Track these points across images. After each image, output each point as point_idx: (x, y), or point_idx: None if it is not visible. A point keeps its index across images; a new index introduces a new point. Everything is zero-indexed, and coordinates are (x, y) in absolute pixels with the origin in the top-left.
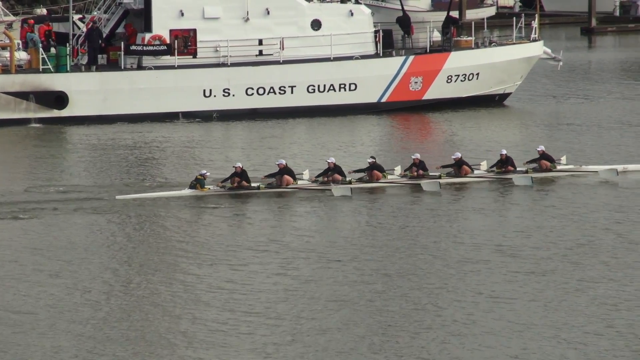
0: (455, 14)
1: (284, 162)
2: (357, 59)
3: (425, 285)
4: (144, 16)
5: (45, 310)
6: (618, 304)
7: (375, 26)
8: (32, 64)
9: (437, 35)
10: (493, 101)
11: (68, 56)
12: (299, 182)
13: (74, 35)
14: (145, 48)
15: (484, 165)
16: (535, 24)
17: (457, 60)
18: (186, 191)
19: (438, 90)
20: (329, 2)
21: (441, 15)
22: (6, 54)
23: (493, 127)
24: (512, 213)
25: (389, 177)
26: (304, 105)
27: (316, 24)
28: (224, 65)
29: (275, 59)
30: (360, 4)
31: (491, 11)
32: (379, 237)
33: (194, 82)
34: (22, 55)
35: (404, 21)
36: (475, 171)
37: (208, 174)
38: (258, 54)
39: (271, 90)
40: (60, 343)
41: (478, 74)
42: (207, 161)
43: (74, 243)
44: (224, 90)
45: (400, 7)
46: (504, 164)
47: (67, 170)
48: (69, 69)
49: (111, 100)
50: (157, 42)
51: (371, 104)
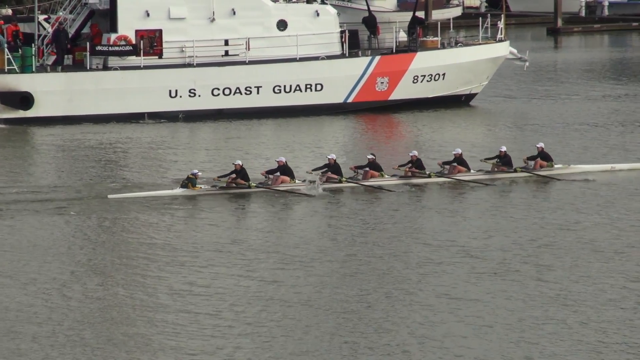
0: (421, 14)
1: (283, 160)
2: (323, 59)
3: (387, 287)
4: (109, 17)
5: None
6: (579, 304)
7: (341, 26)
8: None
9: (403, 36)
10: (459, 101)
11: (34, 57)
12: (295, 182)
13: (39, 35)
14: (110, 48)
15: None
16: (501, 24)
17: (423, 61)
18: (178, 190)
19: (404, 90)
20: (295, 3)
21: (407, 16)
22: None
23: (459, 128)
24: (474, 214)
25: (385, 177)
26: (270, 105)
27: (282, 25)
28: (189, 65)
29: (241, 59)
30: (326, 4)
31: (457, 11)
32: (344, 239)
33: (160, 83)
34: None
35: (370, 21)
36: (473, 171)
37: (200, 173)
38: (224, 54)
39: (237, 91)
40: (21, 346)
41: (444, 75)
42: (172, 162)
43: (36, 244)
44: (189, 91)
45: (366, 8)
46: (503, 160)
47: (32, 170)
48: (34, 70)
49: (77, 100)
50: (123, 43)
51: (337, 105)
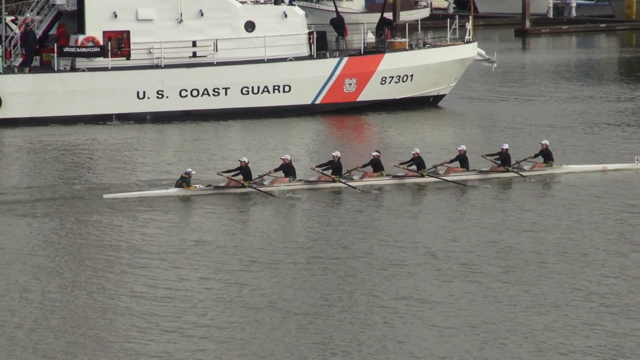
0: (389, 15)
1: (288, 158)
2: (291, 60)
3: (351, 288)
4: (77, 18)
5: None
6: (544, 307)
7: (309, 28)
8: None
9: (371, 37)
10: (427, 103)
11: (1, 58)
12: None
13: (6, 37)
14: (78, 50)
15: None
16: (469, 25)
17: (391, 62)
18: (172, 190)
19: (372, 91)
20: (262, 4)
21: (375, 17)
22: None
23: (427, 129)
24: (443, 216)
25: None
26: (238, 107)
27: (250, 26)
28: (157, 67)
29: (209, 60)
30: (294, 5)
31: (425, 13)
32: (312, 240)
33: (128, 84)
34: None
35: (338, 23)
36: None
37: (193, 172)
38: (192, 55)
39: (205, 92)
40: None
41: (412, 76)
42: (139, 164)
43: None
44: (157, 92)
45: (334, 9)
46: (502, 157)
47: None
48: (1, 71)
49: (44, 102)
50: (91, 44)
51: (305, 106)
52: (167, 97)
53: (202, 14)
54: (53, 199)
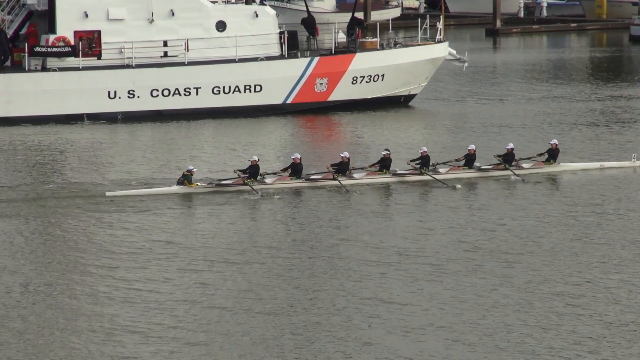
0: (360, 15)
1: (299, 157)
2: (262, 60)
3: (322, 288)
4: (48, 17)
5: None
6: (515, 305)
7: (280, 27)
8: None
9: (342, 37)
10: (398, 102)
11: None
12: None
13: None
14: (49, 49)
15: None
16: (440, 25)
17: (362, 62)
18: (174, 188)
19: (343, 91)
20: (233, 4)
21: (346, 17)
22: None
23: (398, 128)
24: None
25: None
26: (209, 106)
27: (221, 26)
28: (128, 66)
29: (180, 60)
30: (265, 5)
31: (396, 12)
32: (284, 240)
33: (99, 84)
34: None
35: (309, 22)
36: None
37: (195, 169)
38: (163, 55)
39: (176, 92)
40: None
41: (383, 75)
42: (108, 164)
43: None
44: (128, 92)
45: (305, 9)
46: (505, 157)
47: None
48: None
49: (15, 101)
50: (62, 44)
51: (276, 106)
52: (138, 97)
53: (173, 14)
54: (25, 200)
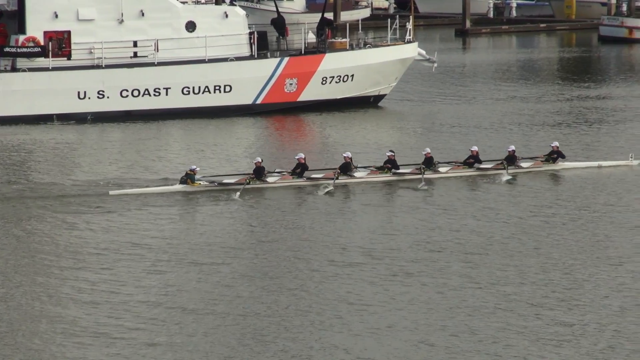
0: (329, 15)
1: (303, 156)
2: (232, 60)
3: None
4: (17, 18)
5: None
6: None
7: (250, 28)
8: None
9: (312, 37)
10: (368, 102)
11: None
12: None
13: None
14: (19, 50)
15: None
16: (409, 25)
17: (332, 62)
18: (177, 186)
19: (313, 91)
20: (203, 4)
21: (316, 17)
22: None
23: (366, 129)
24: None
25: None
26: (179, 107)
27: (191, 26)
28: (98, 67)
29: (149, 60)
30: (235, 5)
31: (366, 13)
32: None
33: (68, 84)
34: None
35: (279, 23)
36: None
37: (198, 168)
38: (133, 55)
39: (146, 92)
40: None
41: (353, 76)
42: (79, 165)
43: None
44: (98, 92)
45: (275, 9)
46: (506, 159)
47: None
48: None
49: None
50: (31, 44)
51: (246, 106)
52: (108, 97)
53: (143, 14)
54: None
